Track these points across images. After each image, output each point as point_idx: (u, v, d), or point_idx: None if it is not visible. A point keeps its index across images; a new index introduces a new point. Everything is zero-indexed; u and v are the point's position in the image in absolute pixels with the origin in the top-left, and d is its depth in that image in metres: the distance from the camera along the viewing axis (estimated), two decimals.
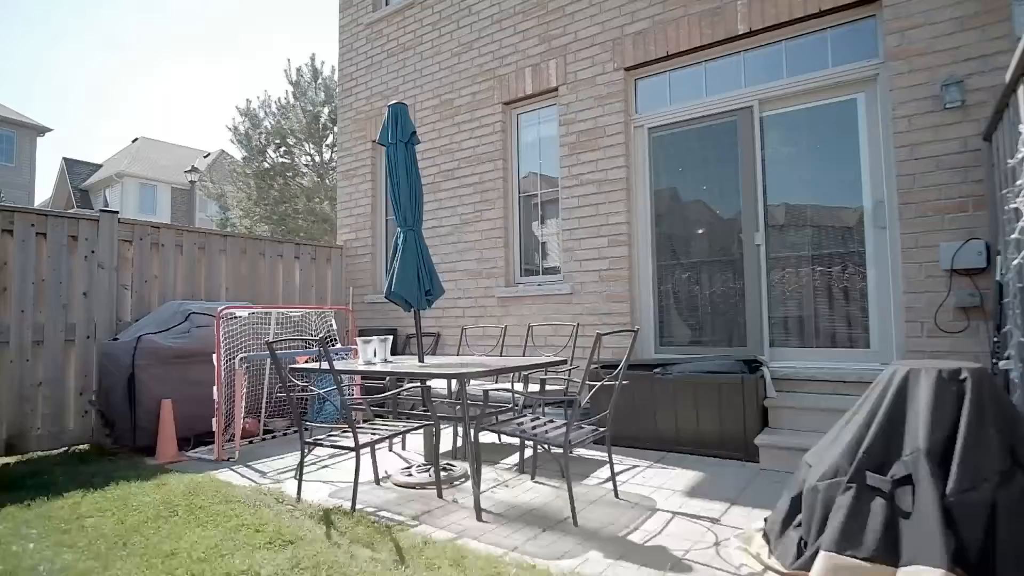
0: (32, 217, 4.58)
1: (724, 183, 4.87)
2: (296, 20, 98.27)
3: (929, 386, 2.04)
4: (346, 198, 7.47)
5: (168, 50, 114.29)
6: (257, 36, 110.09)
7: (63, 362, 4.64)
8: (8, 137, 27.20)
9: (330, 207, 15.48)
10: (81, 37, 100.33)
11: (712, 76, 4.98)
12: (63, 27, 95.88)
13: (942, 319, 3.82)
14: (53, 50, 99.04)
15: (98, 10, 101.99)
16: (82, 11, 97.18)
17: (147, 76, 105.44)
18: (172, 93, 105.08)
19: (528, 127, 6.11)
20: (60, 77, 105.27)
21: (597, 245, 5.32)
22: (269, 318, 5.23)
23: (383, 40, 7.22)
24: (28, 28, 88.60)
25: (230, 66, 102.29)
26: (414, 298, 3.79)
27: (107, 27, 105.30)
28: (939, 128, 3.87)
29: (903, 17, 4.01)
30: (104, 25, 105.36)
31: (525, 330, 5.45)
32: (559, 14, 5.69)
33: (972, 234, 3.73)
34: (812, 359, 4.44)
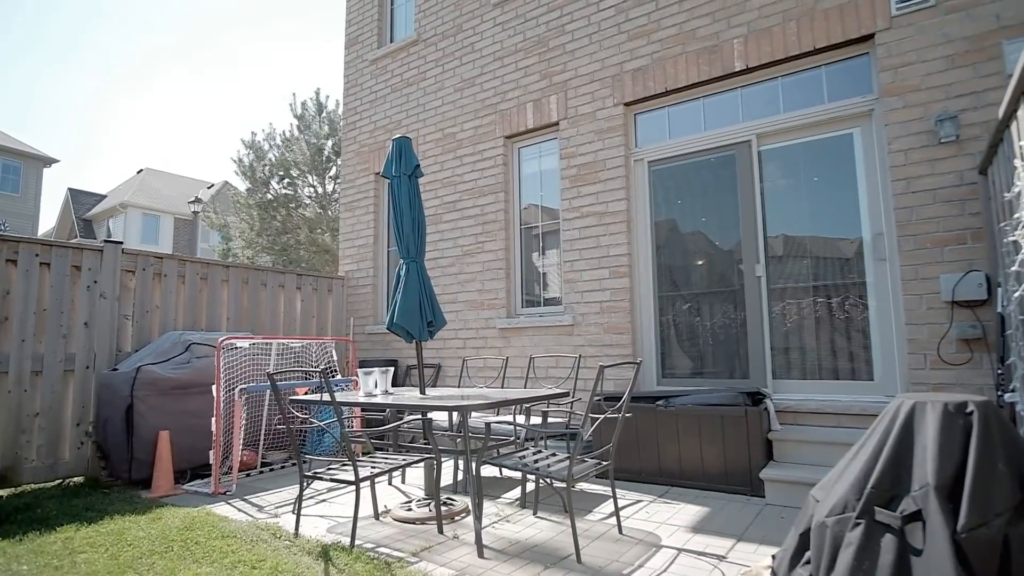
0: (36, 247, 4.61)
1: (724, 215, 4.92)
2: (301, 56, 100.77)
3: (935, 419, 2.02)
4: (348, 229, 7.53)
5: (173, 82, 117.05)
6: (264, 71, 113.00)
7: (61, 392, 4.61)
8: (15, 168, 27.53)
9: (332, 238, 15.58)
10: (95, 70, 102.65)
11: (710, 111, 5.08)
12: (73, 59, 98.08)
13: (945, 351, 3.81)
14: (64, 81, 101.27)
15: (121, 45, 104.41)
16: (110, 45, 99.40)
17: (152, 107, 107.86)
18: (178, 125, 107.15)
19: (529, 160, 6.19)
20: (74, 108, 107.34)
21: (598, 276, 5.34)
22: (270, 349, 5.21)
23: (387, 75, 7.38)
24: (23, 53, 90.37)
25: (236, 99, 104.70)
26: (416, 329, 3.78)
27: (122, 61, 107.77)
28: (935, 162, 3.93)
29: (895, 55, 4.11)
30: (116, 57, 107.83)
31: (527, 362, 5.43)
32: (560, 51, 5.83)
33: (972, 266, 3.75)
34: (815, 391, 4.41)
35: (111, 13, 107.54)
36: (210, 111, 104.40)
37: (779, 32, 4.59)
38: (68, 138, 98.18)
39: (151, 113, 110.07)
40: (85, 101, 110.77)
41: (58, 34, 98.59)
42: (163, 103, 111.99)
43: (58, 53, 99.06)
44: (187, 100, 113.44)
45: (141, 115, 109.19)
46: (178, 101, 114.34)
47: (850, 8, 4.30)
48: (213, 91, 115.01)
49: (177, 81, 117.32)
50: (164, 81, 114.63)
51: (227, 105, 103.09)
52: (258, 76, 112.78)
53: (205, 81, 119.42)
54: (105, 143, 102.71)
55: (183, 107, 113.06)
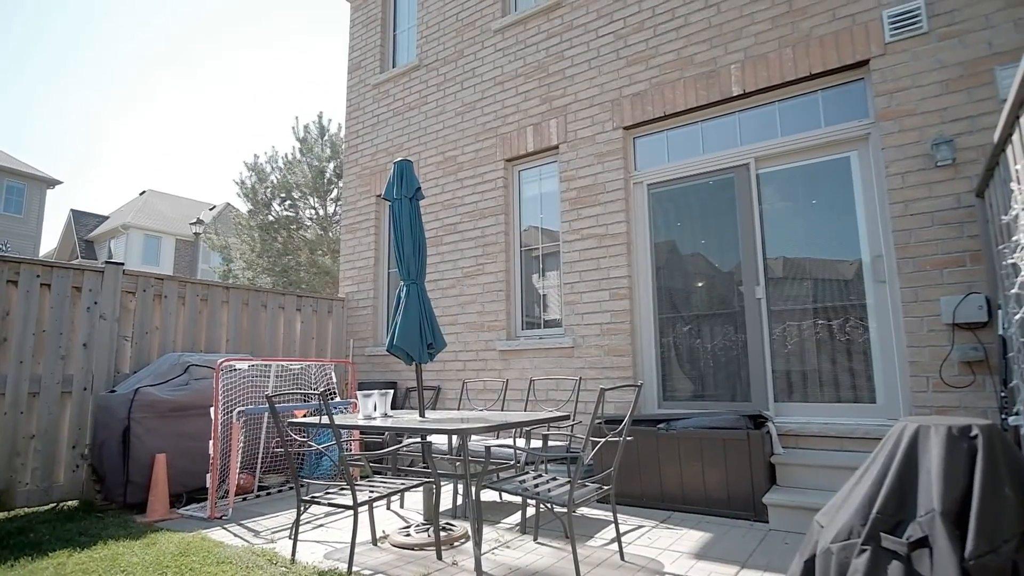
0: (38, 268, 4.62)
1: (723, 237, 4.94)
2: (305, 81, 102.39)
3: (940, 443, 2.00)
4: (349, 251, 7.55)
5: (178, 104, 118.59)
6: (268, 95, 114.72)
7: (58, 414, 4.57)
8: (19, 189, 27.74)
9: (332, 260, 15.62)
10: (99, 90, 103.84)
11: (709, 134, 5.14)
12: (80, 79, 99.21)
13: (947, 373, 3.79)
14: (66, 100, 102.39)
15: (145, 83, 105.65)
16: (108, 63, 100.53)
17: (156, 129, 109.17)
18: (182, 147, 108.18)
19: (529, 182, 6.24)
20: (76, 129, 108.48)
21: (598, 298, 5.34)
22: (269, 370, 5.18)
23: (389, 100, 7.48)
24: (17, 70, 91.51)
25: (239, 123, 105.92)
26: (416, 351, 3.77)
27: (126, 82, 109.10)
28: (932, 185, 3.96)
29: (890, 80, 4.17)
30: (121, 77, 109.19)
31: (527, 384, 5.40)
32: (559, 76, 5.92)
33: (971, 288, 3.75)
34: (818, 414, 4.38)
35: (109, 26, 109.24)
36: (213, 134, 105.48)
37: (775, 58, 4.66)
38: (70, 159, 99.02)
39: (155, 135, 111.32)
40: (87, 122, 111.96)
41: (52, 50, 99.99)
42: (168, 125, 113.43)
43: (53, 69, 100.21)
44: (192, 123, 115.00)
45: (145, 137, 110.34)
46: (183, 123, 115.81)
47: (845, 35, 4.37)
48: (217, 114, 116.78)
49: (182, 103, 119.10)
50: (169, 103, 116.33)
51: (230, 128, 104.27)
52: (262, 100, 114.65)
53: (209, 103, 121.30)
54: (108, 164, 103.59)
55: (188, 130, 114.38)
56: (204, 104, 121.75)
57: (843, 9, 4.42)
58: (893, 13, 4.18)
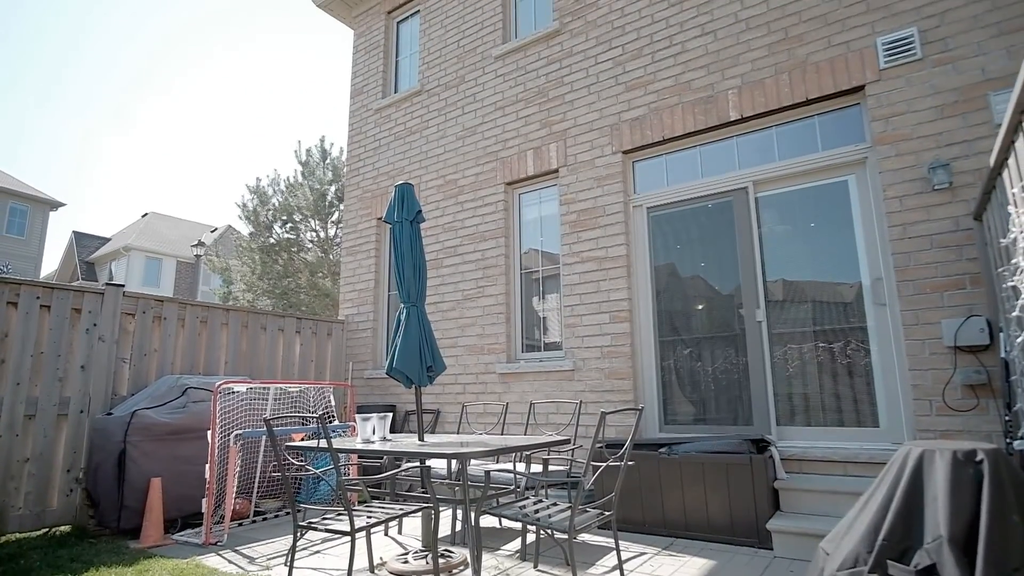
0: (38, 289, 4.62)
1: (723, 260, 4.95)
2: (308, 106, 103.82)
3: (945, 468, 1.98)
4: (349, 273, 7.56)
5: (182, 127, 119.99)
6: (271, 122, 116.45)
7: (53, 438, 4.53)
8: (22, 211, 27.93)
9: (332, 282, 15.64)
10: (104, 113, 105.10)
11: (707, 159, 5.19)
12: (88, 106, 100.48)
13: (950, 397, 3.76)
14: (69, 122, 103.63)
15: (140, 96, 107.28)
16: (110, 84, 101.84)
17: (159, 151, 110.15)
18: (186, 170, 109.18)
19: (529, 206, 6.28)
20: (84, 153, 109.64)
21: (598, 321, 5.33)
22: (267, 393, 5.15)
23: (391, 124, 7.57)
24: (11, 90, 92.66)
25: (244, 146, 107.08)
26: (416, 374, 3.75)
27: (130, 107, 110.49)
28: (930, 208, 3.98)
29: (886, 105, 4.22)
30: (124, 104, 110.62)
31: (527, 407, 5.36)
32: (559, 102, 6.00)
33: (972, 311, 3.75)
34: (820, 438, 4.33)
35: (103, 44, 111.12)
36: (218, 158, 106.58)
37: (772, 84, 4.73)
38: (72, 181, 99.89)
39: (160, 158, 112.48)
40: (90, 144, 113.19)
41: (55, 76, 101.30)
42: (173, 148, 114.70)
43: (46, 88, 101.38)
44: (197, 146, 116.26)
45: (149, 161, 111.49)
46: (188, 147, 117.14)
47: (840, 61, 4.44)
48: (221, 138, 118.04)
49: (187, 127, 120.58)
50: (174, 127, 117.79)
51: (234, 152, 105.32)
52: (266, 124, 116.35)
53: (214, 127, 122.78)
54: (111, 187, 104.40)
55: (193, 153, 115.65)
56: (209, 128, 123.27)
57: (838, 36, 4.50)
58: (887, 40, 4.25)
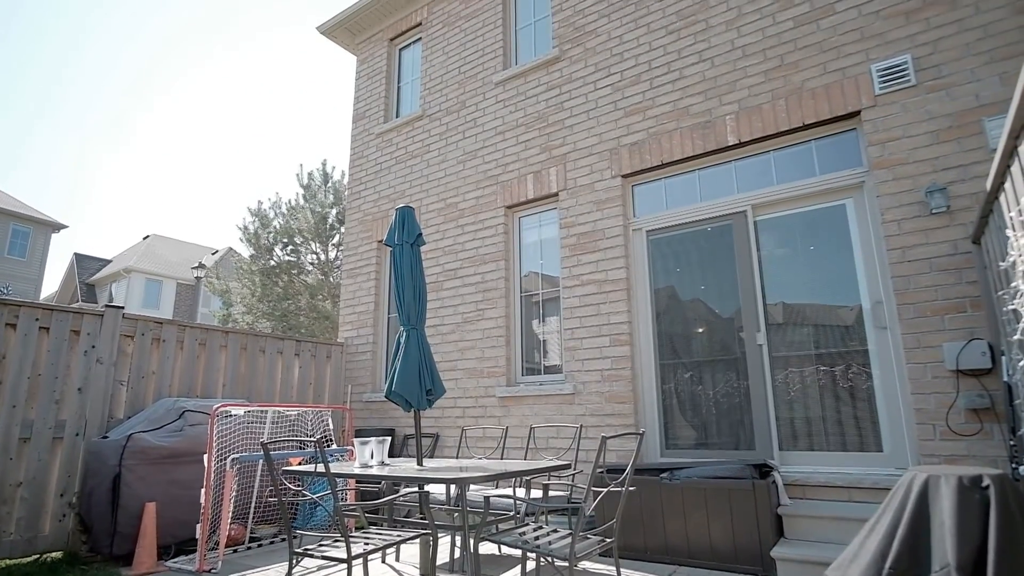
0: (37, 311, 4.61)
1: (722, 283, 4.96)
2: (310, 130, 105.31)
3: (951, 494, 1.95)
4: (349, 296, 7.56)
5: (185, 149, 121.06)
6: (274, 146, 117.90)
7: (48, 461, 4.47)
8: (24, 233, 28.04)
9: (332, 305, 15.63)
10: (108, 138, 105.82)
11: (706, 182, 5.23)
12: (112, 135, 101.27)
13: (954, 421, 3.73)
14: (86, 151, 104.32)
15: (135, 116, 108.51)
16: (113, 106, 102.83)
17: (162, 173, 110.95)
18: (189, 192, 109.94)
19: (529, 229, 6.31)
20: (86, 175, 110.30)
21: (599, 344, 5.31)
22: (265, 416, 5.11)
23: (392, 148, 7.65)
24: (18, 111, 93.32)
25: (246, 170, 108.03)
26: (415, 398, 3.73)
27: (132, 125, 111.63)
28: (928, 232, 4.00)
29: (882, 130, 4.27)
30: (126, 122, 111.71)
31: (527, 431, 5.31)
32: (559, 127, 6.07)
33: (973, 334, 3.74)
34: (824, 463, 4.29)
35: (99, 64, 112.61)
36: (222, 180, 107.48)
37: (769, 109, 4.79)
38: (76, 202, 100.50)
39: (162, 181, 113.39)
40: (96, 167, 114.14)
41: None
42: (177, 171, 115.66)
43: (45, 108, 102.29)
44: (201, 169, 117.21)
45: (153, 183, 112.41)
46: (193, 170, 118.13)
47: (835, 87, 4.51)
48: (225, 160, 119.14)
49: (192, 150, 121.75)
50: (179, 151, 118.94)
51: (238, 174, 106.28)
52: (269, 147, 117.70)
53: (218, 149, 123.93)
54: (113, 210, 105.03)
55: (198, 176, 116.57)
56: (213, 151, 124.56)
57: (833, 63, 4.57)
58: (881, 67, 4.32)
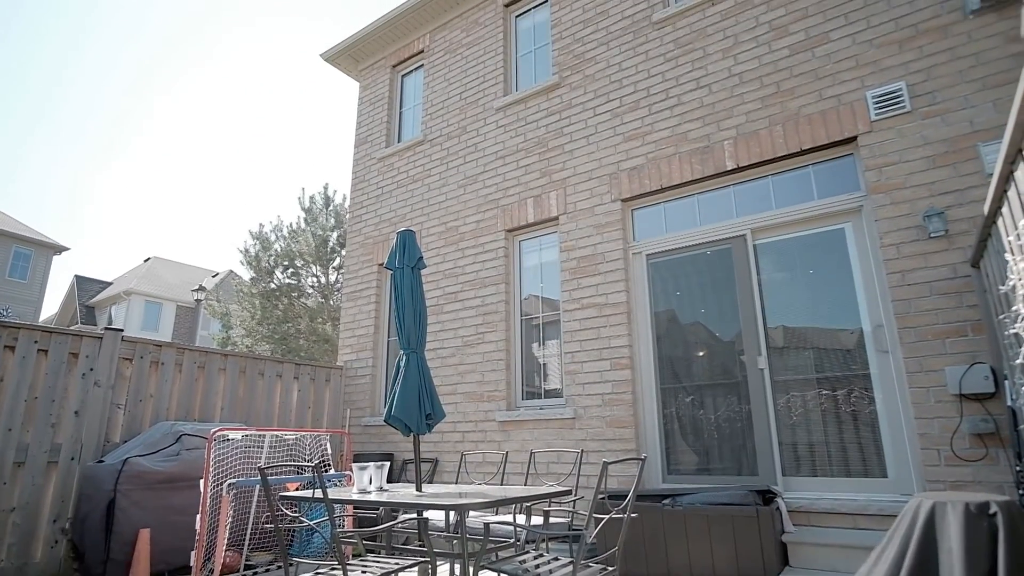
0: (36, 333, 4.60)
1: (723, 307, 4.95)
2: (312, 154, 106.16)
3: (958, 522, 1.92)
4: (349, 319, 7.55)
5: (188, 172, 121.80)
6: (276, 170, 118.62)
7: (42, 486, 4.42)
8: (26, 255, 28.12)
9: (332, 328, 15.61)
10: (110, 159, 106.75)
11: (705, 207, 5.26)
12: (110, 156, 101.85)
13: (958, 446, 3.69)
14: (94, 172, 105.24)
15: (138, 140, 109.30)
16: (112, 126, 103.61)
17: (165, 196, 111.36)
18: (191, 215, 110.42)
19: (530, 252, 6.33)
20: (88, 197, 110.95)
21: (599, 368, 5.29)
22: (262, 441, 5.06)
23: (394, 172, 7.72)
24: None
25: (249, 194, 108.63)
26: (414, 422, 3.69)
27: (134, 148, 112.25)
28: (927, 256, 4.01)
29: (878, 155, 4.32)
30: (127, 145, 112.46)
31: (527, 456, 5.25)
32: (559, 151, 6.13)
33: (975, 358, 3.72)
34: (828, 489, 4.23)
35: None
36: (224, 203, 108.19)
37: (766, 135, 4.85)
38: (77, 224, 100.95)
39: (168, 204, 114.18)
40: (98, 189, 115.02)
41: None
42: (182, 194, 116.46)
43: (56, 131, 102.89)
44: (205, 193, 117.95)
45: (157, 207, 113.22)
46: (197, 193, 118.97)
47: (832, 113, 4.57)
48: (228, 184, 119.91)
49: (197, 174, 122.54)
50: (184, 174, 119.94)
51: (240, 198, 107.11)
52: (272, 171, 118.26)
53: (220, 173, 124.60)
54: (115, 232, 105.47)
55: (201, 199, 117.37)
56: (216, 174, 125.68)
57: (829, 90, 4.64)
58: (876, 94, 4.39)
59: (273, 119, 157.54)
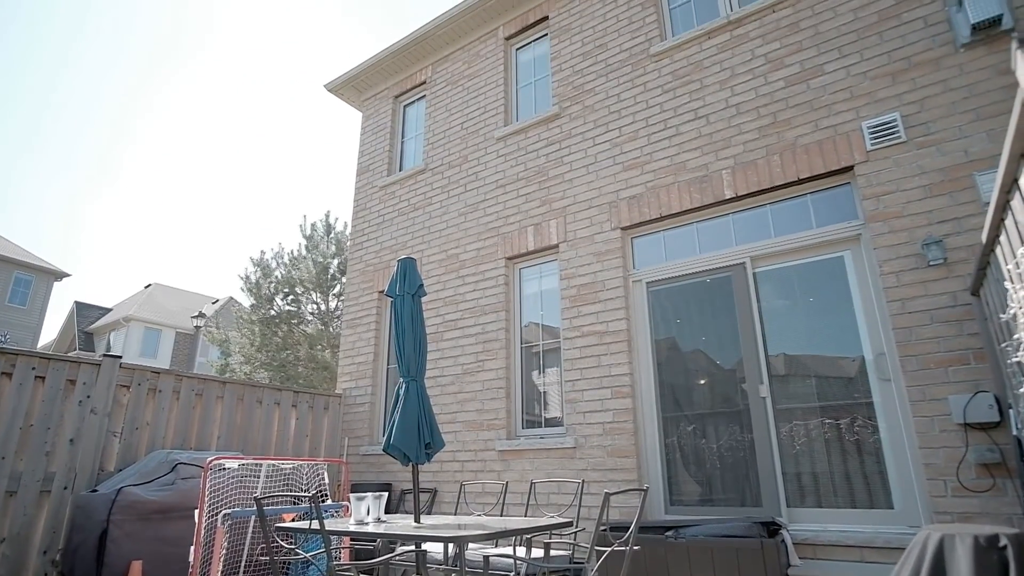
0: (34, 360, 4.58)
1: (723, 334, 4.94)
2: (313, 182, 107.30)
3: (967, 555, 1.89)
4: (349, 346, 7.53)
5: (191, 200, 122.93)
6: (278, 198, 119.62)
7: (34, 516, 4.34)
8: (26, 281, 28.18)
9: (331, 355, 15.54)
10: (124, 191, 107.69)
11: (704, 235, 5.29)
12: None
13: (965, 477, 3.64)
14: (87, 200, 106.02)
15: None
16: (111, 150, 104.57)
17: (168, 224, 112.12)
18: (193, 243, 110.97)
19: (530, 280, 6.35)
20: (90, 225, 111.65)
21: (600, 397, 5.25)
22: (259, 470, 4.99)
23: (395, 200, 7.79)
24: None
25: (251, 221, 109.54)
26: (413, 452, 3.65)
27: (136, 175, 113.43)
28: (927, 284, 4.01)
29: (875, 184, 4.36)
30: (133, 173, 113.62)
31: (527, 487, 5.19)
32: (559, 180, 6.20)
33: (979, 386, 3.70)
34: (833, 521, 4.15)
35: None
36: (226, 230, 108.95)
37: (764, 164, 4.90)
38: (78, 250, 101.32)
39: (171, 231, 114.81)
40: (100, 216, 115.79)
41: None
42: (185, 221, 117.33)
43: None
44: (208, 220, 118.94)
45: (161, 234, 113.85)
46: (200, 220, 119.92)
47: (828, 143, 4.63)
48: (230, 211, 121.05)
49: (201, 201, 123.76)
50: (188, 201, 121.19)
51: (243, 225, 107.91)
52: (274, 198, 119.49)
53: (223, 201, 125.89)
54: (115, 257, 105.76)
55: (203, 226, 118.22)
56: (220, 201, 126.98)
57: (824, 121, 4.71)
58: (871, 124, 4.45)
59: (277, 147, 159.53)
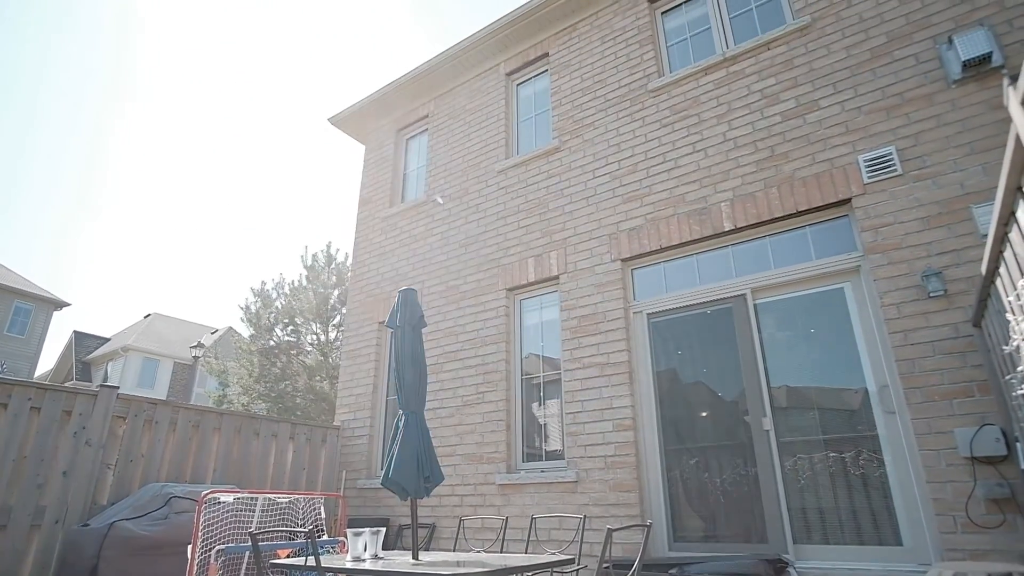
0: (31, 391, 4.54)
1: (725, 366, 4.91)
2: (315, 213, 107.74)
3: None
4: (348, 377, 7.47)
5: (193, 230, 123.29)
6: (282, 228, 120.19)
7: (23, 552, 4.23)
8: (26, 310, 28.15)
9: (330, 386, 15.43)
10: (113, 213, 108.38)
11: (704, 266, 5.31)
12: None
13: (974, 512, 3.56)
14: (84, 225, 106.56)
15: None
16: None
17: (169, 254, 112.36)
18: (193, 274, 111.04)
19: (530, 311, 6.34)
20: (92, 255, 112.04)
21: (601, 430, 5.19)
22: (255, 504, 4.89)
23: (396, 232, 7.84)
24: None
25: (252, 250, 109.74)
26: (412, 486, 3.58)
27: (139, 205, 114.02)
28: (928, 315, 4.01)
29: (873, 216, 4.39)
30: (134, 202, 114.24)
31: (527, 522, 5.08)
32: (559, 212, 6.25)
33: (984, 419, 3.65)
34: (841, 559, 4.05)
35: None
36: (226, 262, 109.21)
37: (762, 196, 4.95)
38: (78, 280, 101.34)
39: (173, 261, 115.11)
40: (102, 246, 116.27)
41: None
42: (183, 250, 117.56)
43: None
44: (210, 250, 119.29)
45: (159, 261, 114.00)
46: (202, 250, 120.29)
47: (825, 176, 4.68)
48: (232, 242, 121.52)
49: (203, 232, 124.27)
50: (186, 229, 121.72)
51: (242, 257, 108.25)
52: (276, 231, 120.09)
53: (224, 232, 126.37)
54: (118, 288, 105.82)
55: (205, 256, 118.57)
56: (221, 232, 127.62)
57: (821, 154, 4.78)
58: (868, 158, 4.51)
59: (280, 178, 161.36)
